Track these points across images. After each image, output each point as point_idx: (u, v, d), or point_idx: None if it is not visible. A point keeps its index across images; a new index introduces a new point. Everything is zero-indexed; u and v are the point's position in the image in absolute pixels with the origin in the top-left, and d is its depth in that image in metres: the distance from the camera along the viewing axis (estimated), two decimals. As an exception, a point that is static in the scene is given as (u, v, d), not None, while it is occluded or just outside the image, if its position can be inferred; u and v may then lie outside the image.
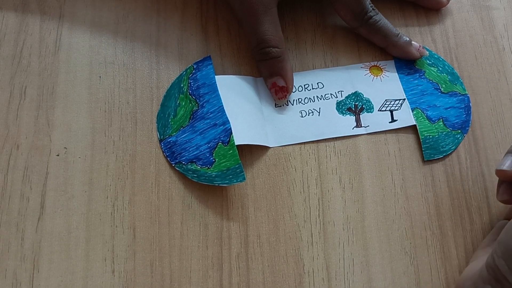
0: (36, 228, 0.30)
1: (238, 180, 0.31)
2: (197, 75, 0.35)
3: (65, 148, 0.32)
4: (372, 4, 0.36)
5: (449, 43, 0.39)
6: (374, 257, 0.32)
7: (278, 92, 0.35)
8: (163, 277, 0.30)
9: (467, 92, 0.36)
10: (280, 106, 0.35)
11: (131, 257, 0.30)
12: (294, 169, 0.33)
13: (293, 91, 0.36)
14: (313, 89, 0.36)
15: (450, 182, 0.34)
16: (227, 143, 0.32)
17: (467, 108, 0.36)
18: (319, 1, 0.39)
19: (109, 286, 0.30)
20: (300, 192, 0.33)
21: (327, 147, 0.34)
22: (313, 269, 0.31)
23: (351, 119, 0.35)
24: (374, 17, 0.35)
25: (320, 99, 0.35)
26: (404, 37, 0.36)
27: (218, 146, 0.32)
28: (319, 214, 0.32)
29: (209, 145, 0.33)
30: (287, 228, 0.32)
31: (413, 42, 0.37)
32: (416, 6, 0.40)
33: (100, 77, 0.35)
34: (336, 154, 0.34)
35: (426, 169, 0.34)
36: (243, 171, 0.31)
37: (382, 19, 0.36)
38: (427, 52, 0.37)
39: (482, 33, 0.39)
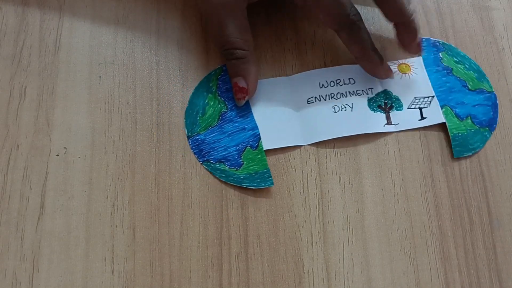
0: (35, 228, 0.30)
1: (267, 184, 0.32)
2: (226, 77, 0.35)
3: (65, 148, 0.32)
4: (355, 9, 0.34)
5: (448, 43, 0.39)
6: (374, 257, 0.32)
7: (238, 92, 0.34)
8: (162, 277, 0.30)
9: (493, 90, 0.36)
10: (313, 102, 0.35)
11: (131, 257, 0.30)
12: (294, 169, 0.33)
13: (325, 86, 0.36)
14: (344, 84, 0.36)
15: (450, 182, 0.34)
16: (256, 148, 0.33)
17: (494, 106, 0.36)
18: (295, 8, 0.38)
19: (108, 286, 0.30)
20: (300, 192, 0.33)
21: (327, 147, 0.34)
22: (312, 269, 0.31)
23: (381, 116, 0.35)
24: (357, 22, 0.33)
25: (352, 94, 0.35)
26: (378, 54, 0.35)
27: (246, 149, 0.33)
28: (318, 214, 0.32)
29: (237, 148, 0.33)
30: (287, 228, 0.32)
31: (385, 63, 0.35)
32: (415, 6, 0.39)
33: (100, 77, 0.35)
34: (336, 154, 0.34)
35: (425, 169, 0.34)
36: (271, 176, 0.32)
37: (365, 29, 0.34)
38: (393, 76, 0.36)
39: (482, 34, 0.39)
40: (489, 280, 0.32)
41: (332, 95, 0.35)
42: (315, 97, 0.35)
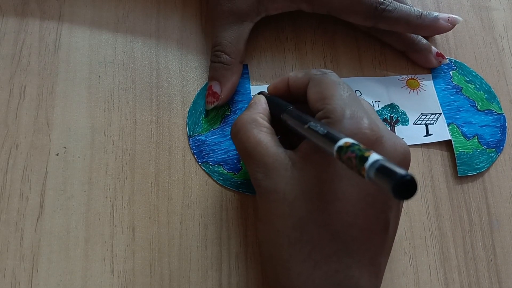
0: (35, 227, 0.30)
1: None
2: None
3: (64, 147, 0.32)
4: None
5: (448, 43, 0.39)
6: (373, 257, 0.32)
7: (209, 96, 0.34)
8: (162, 277, 0.30)
9: (503, 111, 0.36)
10: None
11: (130, 257, 0.30)
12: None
13: None
14: None
15: (450, 183, 0.34)
16: None
17: (503, 128, 0.36)
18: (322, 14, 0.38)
19: (108, 286, 0.30)
20: (300, 192, 0.33)
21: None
22: (312, 269, 0.31)
23: None
24: (387, 8, 0.34)
25: None
26: (428, 15, 0.35)
27: None
28: (318, 214, 0.32)
29: (237, 152, 0.33)
30: (287, 228, 0.32)
31: (440, 15, 0.35)
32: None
33: (99, 76, 0.35)
34: (336, 154, 0.34)
35: (425, 169, 0.34)
36: None
37: (398, 7, 0.34)
38: (460, 19, 0.36)
39: (482, 34, 0.39)
40: (488, 280, 0.32)
41: None
42: None
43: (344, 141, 0.21)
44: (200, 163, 0.33)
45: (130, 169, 0.32)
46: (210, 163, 0.33)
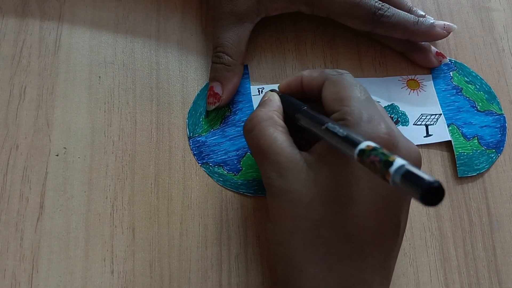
0: (35, 228, 0.30)
1: (264, 193, 0.32)
2: None
3: (64, 148, 0.32)
4: (378, 1, 0.34)
5: (448, 44, 0.39)
6: (373, 258, 0.32)
7: (210, 96, 0.34)
8: (162, 277, 0.30)
9: (503, 112, 0.36)
10: None
11: (130, 257, 0.30)
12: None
13: None
14: None
15: (450, 184, 0.34)
16: None
17: (503, 128, 0.36)
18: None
19: (108, 286, 0.30)
20: (300, 193, 0.33)
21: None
22: (312, 270, 0.31)
23: None
24: (385, 13, 0.34)
25: None
26: (424, 22, 0.35)
27: (246, 155, 0.33)
28: (318, 215, 0.32)
29: (237, 153, 0.33)
30: (287, 229, 0.32)
31: (436, 22, 0.36)
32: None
33: (99, 77, 0.35)
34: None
35: (425, 170, 0.34)
36: None
37: (395, 13, 0.34)
38: (455, 27, 0.36)
39: (482, 35, 0.39)
40: (488, 281, 0.32)
41: None
42: None
43: (366, 144, 0.21)
44: (200, 164, 0.33)
45: (130, 169, 0.32)
46: (210, 164, 0.33)
